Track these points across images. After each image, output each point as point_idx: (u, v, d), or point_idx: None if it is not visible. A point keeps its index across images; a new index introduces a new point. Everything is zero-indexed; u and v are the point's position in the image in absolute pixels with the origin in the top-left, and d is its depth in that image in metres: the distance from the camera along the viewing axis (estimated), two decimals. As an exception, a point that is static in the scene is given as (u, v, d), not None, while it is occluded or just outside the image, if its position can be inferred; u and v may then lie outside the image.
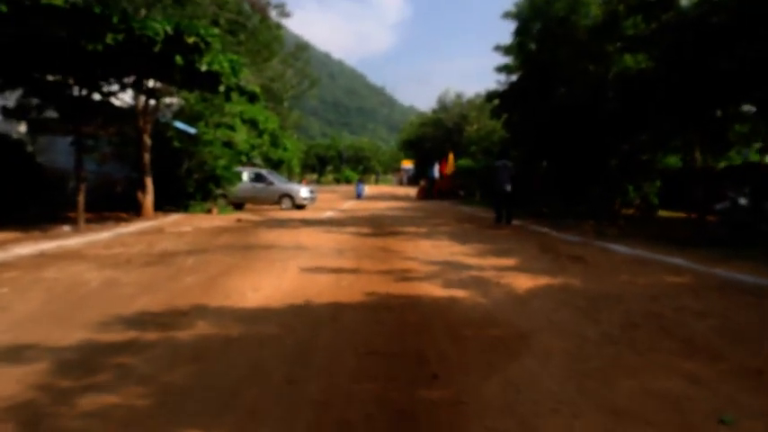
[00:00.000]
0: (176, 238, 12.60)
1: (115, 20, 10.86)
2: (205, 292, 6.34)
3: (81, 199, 14.27)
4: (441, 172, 39.31)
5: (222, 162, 21.05)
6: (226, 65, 14.36)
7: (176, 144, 18.75)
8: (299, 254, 9.84)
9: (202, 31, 11.90)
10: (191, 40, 11.68)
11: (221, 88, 14.80)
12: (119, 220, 16.36)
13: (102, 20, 10.71)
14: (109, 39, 10.83)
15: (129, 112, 18.32)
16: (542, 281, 7.20)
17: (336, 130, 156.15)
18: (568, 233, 13.99)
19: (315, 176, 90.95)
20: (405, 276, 7.54)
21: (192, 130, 20.53)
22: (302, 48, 42.54)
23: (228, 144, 27.45)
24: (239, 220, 17.64)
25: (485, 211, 24.61)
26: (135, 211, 18.54)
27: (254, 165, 29.67)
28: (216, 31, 12.66)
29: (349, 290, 6.54)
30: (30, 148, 20.92)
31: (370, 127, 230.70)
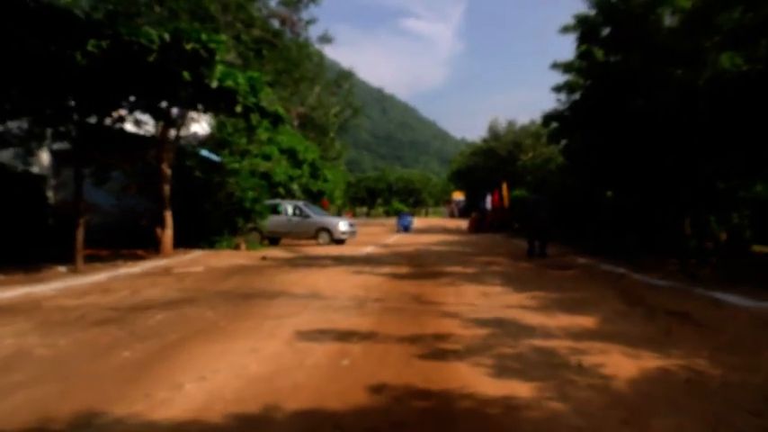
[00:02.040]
0: (176, 281, 10.61)
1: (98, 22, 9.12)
2: (125, 383, 4.16)
3: (80, 236, 12.57)
4: (493, 203, 36.65)
5: (251, 194, 19.22)
6: (242, 81, 12.54)
7: (198, 174, 16.99)
8: (306, 307, 7.60)
9: (204, 37, 10.03)
10: (189, 46, 9.83)
11: (238, 108, 12.96)
12: (131, 259, 14.62)
13: (81, 24, 9.00)
14: (90, 46, 9.08)
15: (150, 140, 16.79)
16: (649, 361, 4.69)
17: (388, 163, 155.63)
18: (651, 275, 11.28)
19: (365, 209, 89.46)
20: (437, 349, 5.16)
21: (218, 159, 18.87)
22: (345, 76, 40.98)
23: (265, 175, 25.96)
24: (264, 258, 15.62)
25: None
26: (155, 247, 16.83)
27: (293, 197, 27.95)
28: (223, 37, 10.79)
29: (348, 379, 4.22)
30: (52, 182, 19.78)
31: (422, 160, 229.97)
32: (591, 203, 26.76)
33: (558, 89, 20.89)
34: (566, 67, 20.05)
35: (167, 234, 16.76)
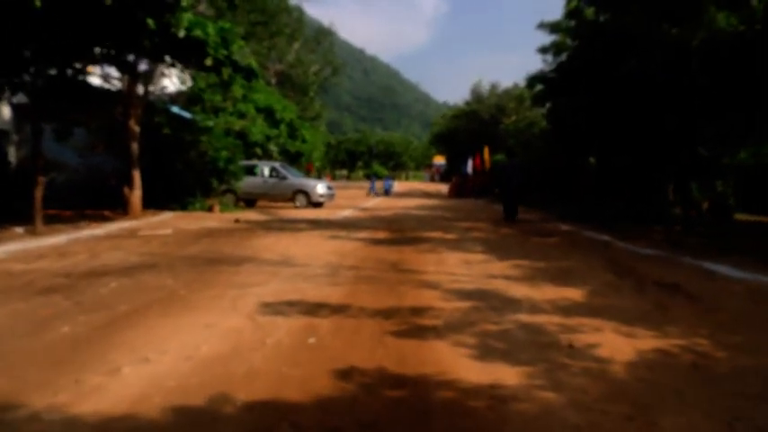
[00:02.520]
0: (141, 245, 10.00)
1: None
2: (55, 365, 3.61)
3: (38, 195, 11.79)
4: (474, 168, 36.19)
5: (225, 154, 18.46)
6: (212, 32, 11.75)
7: (167, 131, 16.16)
8: (275, 275, 7.07)
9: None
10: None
11: (208, 61, 12.16)
12: (96, 220, 13.91)
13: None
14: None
15: (116, 95, 15.90)
16: (646, 341, 4.26)
17: (370, 126, 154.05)
18: (637, 243, 10.93)
19: (345, 172, 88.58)
20: (415, 325, 4.68)
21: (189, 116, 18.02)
22: (325, 32, 39.60)
23: (241, 134, 25.10)
24: (237, 221, 15.01)
25: (525, 212, 21.55)
26: (124, 208, 16.09)
27: (270, 158, 27.16)
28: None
29: (312, 362, 3.72)
30: (14, 138, 18.80)
31: (403, 123, 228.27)
32: (573, 169, 26.40)
33: (544, 50, 20.28)
34: (553, 28, 19.41)
35: (135, 194, 16.03)
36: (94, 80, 15.86)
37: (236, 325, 4.62)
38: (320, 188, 22.33)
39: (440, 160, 71.91)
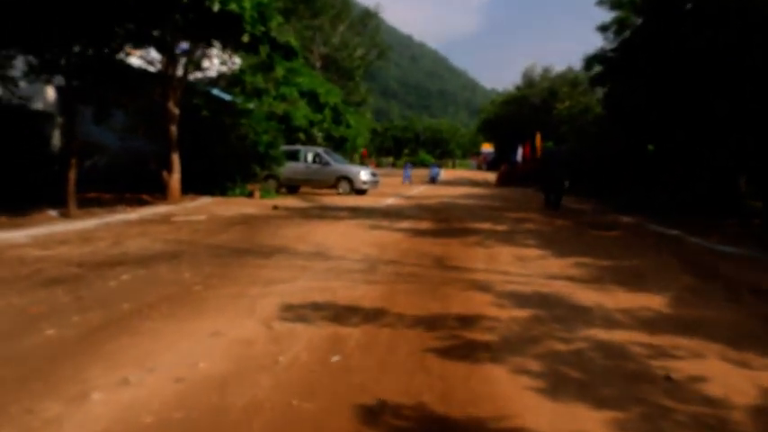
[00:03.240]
0: (171, 231, 9.44)
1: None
2: (15, 385, 2.92)
3: (72, 177, 11.38)
4: (524, 155, 34.74)
5: (266, 138, 17.86)
6: (248, 6, 11.05)
7: (205, 113, 15.63)
8: (306, 269, 6.31)
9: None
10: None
11: (245, 38, 11.49)
12: (134, 204, 13.52)
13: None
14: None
15: (155, 76, 15.45)
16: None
17: (417, 113, 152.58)
18: (712, 239, 9.74)
19: (390, 159, 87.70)
20: (464, 341, 3.82)
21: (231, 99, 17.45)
22: (371, 15, 38.58)
23: (284, 119, 24.54)
24: (276, 207, 14.38)
25: (579, 202, 20.31)
26: (163, 193, 15.71)
27: (314, 143, 26.56)
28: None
29: (332, 391, 2.91)
30: (59, 120, 18.67)
31: (450, 111, 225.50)
32: (630, 155, 24.85)
33: (604, 28, 18.83)
34: (614, 3, 17.96)
35: (174, 178, 15.58)
36: (135, 61, 15.47)
37: (248, 334, 3.86)
38: (364, 175, 21.56)
39: (488, 148, 70.12)
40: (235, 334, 3.84)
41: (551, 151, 18.21)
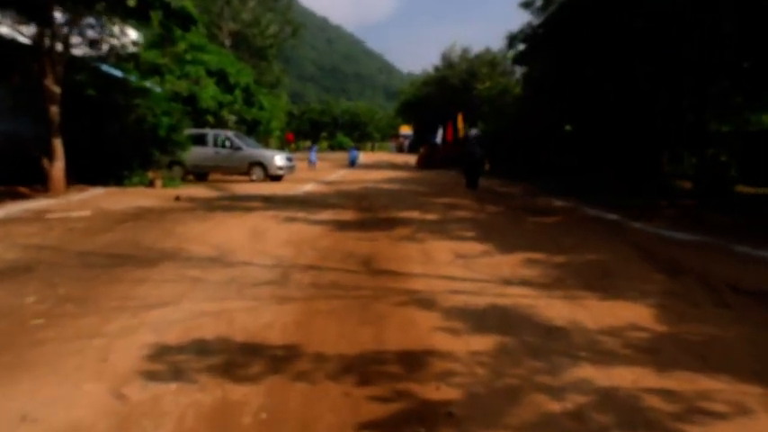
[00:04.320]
0: (36, 232, 7.71)
1: None
2: None
3: None
4: (445, 137, 34.04)
5: (166, 120, 15.97)
6: (132, -39, 9.29)
7: (91, 92, 13.61)
8: (198, 283, 4.92)
9: None
10: None
11: (130, 1, 9.74)
12: (5, 199, 11.46)
13: None
14: None
15: (28, 48, 13.26)
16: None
17: (333, 96, 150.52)
18: (654, 224, 9.10)
19: (308, 143, 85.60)
20: (414, 404, 2.61)
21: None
22: (282, -11, 36.50)
23: (190, 100, 22.49)
24: (178, 198, 12.68)
25: (502, 185, 19.72)
26: (44, 183, 13.62)
27: (224, 127, 24.62)
28: None
29: None
30: None
31: (367, 94, 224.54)
32: (550, 136, 24.61)
33: (527, 4, 18.15)
34: (538, -22, 17.29)
35: (57, 167, 13.51)
36: (3, 31, 13.25)
37: (81, 416, 2.48)
38: (278, 160, 19.98)
39: (406, 130, 69.56)
40: (58, 418, 2.46)
41: (468, 135, 18.75)
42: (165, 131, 16.00)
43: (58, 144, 13.49)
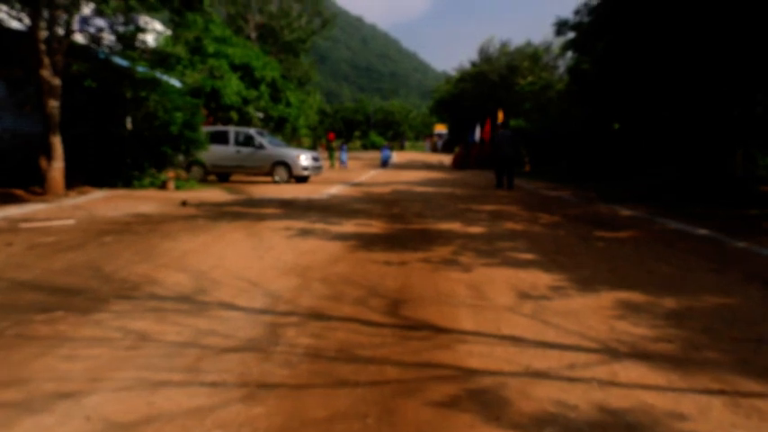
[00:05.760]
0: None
1: None
2: None
3: None
4: (482, 136, 32.00)
5: (179, 116, 14.51)
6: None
7: (90, 84, 12.20)
8: (135, 353, 3.25)
9: None
10: None
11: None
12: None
13: None
14: None
15: (24, 35, 11.95)
16: None
17: (368, 95, 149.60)
18: (760, 241, 7.15)
19: (340, 142, 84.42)
20: None
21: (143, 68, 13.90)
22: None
23: (214, 95, 21.13)
24: (184, 203, 11.19)
25: (549, 188, 17.75)
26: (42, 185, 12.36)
27: (249, 124, 23.23)
28: None
29: None
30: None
31: (402, 93, 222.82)
32: (597, 134, 22.47)
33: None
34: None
35: (55, 168, 12.20)
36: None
37: None
38: (304, 160, 18.39)
39: (441, 129, 67.44)
40: None
41: (499, 134, 18.11)
42: (178, 128, 14.54)
43: (56, 142, 12.17)
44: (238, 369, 2.98)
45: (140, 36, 13.23)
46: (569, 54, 22.30)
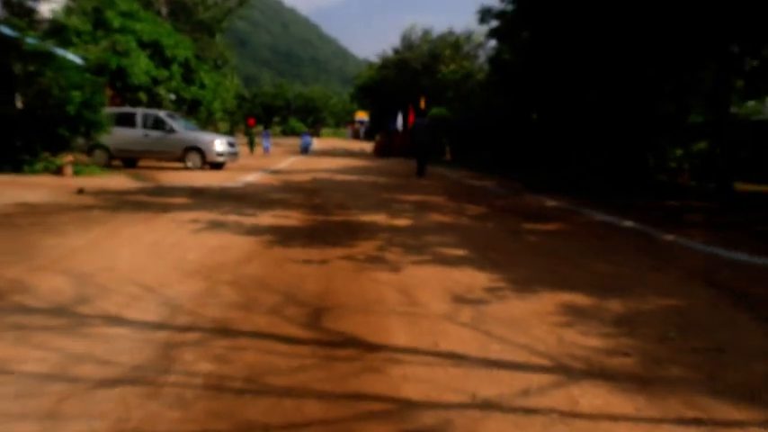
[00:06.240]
0: None
1: None
2: None
3: None
4: (405, 123, 31.69)
5: (77, 95, 13.16)
6: None
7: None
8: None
9: None
10: None
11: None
12: None
13: None
14: None
15: None
16: None
17: (288, 80, 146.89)
18: (695, 237, 7.08)
19: (261, 127, 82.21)
20: None
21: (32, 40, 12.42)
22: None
23: (120, 73, 19.57)
24: (81, 191, 10.04)
25: (474, 177, 17.66)
26: None
27: (160, 106, 21.71)
28: None
29: None
30: None
31: (322, 79, 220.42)
32: (519, 126, 22.68)
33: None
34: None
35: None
36: None
37: None
38: (219, 145, 17.30)
39: (362, 116, 66.84)
40: None
41: (416, 123, 18.55)
42: (76, 108, 13.18)
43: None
44: (114, 412, 2.31)
45: (30, 3, 11.84)
46: (491, 44, 22.37)
